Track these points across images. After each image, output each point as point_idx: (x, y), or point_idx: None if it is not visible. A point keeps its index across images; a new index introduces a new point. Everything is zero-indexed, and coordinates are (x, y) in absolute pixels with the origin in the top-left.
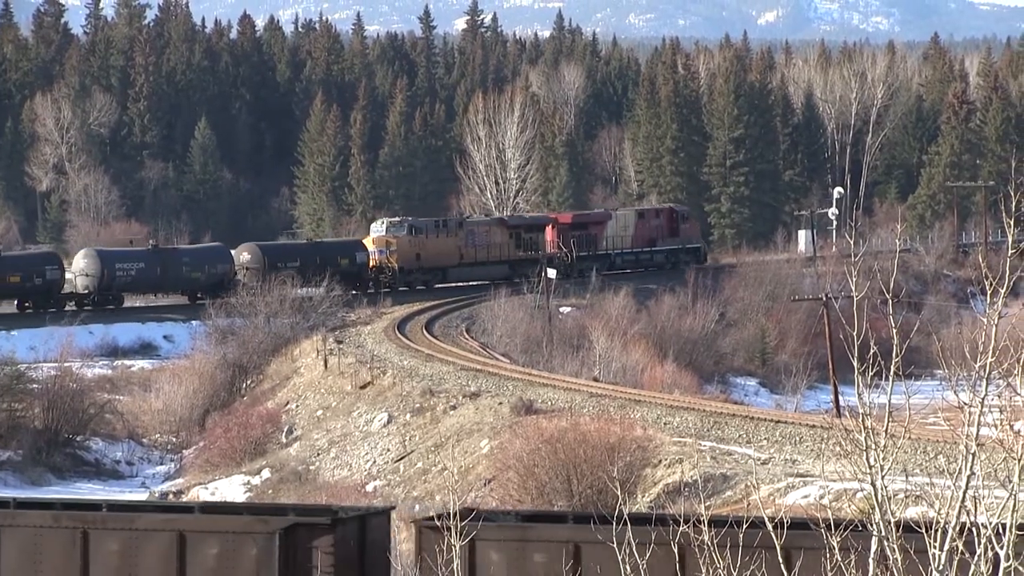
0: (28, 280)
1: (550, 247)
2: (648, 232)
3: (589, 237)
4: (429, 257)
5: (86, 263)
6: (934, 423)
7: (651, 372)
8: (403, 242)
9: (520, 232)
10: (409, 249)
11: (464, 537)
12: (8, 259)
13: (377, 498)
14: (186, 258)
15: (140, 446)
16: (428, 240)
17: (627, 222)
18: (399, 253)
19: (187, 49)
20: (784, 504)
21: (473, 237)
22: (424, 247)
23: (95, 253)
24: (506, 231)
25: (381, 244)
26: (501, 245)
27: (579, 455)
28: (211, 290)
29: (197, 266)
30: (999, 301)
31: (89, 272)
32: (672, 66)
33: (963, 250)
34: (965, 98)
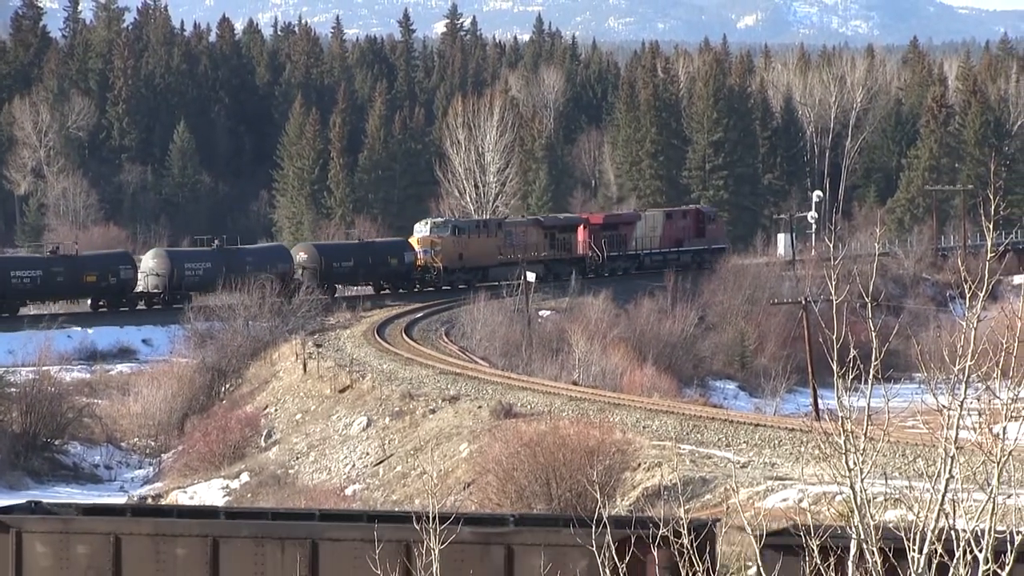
0: (103, 279)
1: (582, 247)
2: (676, 233)
3: (619, 237)
4: (471, 257)
5: (156, 263)
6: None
7: (630, 376)
8: (447, 242)
9: (555, 232)
10: (453, 249)
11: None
12: (85, 259)
13: (356, 503)
14: (249, 258)
15: (119, 450)
16: (470, 240)
17: (655, 223)
18: (443, 253)
19: (166, 52)
20: (763, 507)
21: (511, 237)
22: (467, 247)
23: (164, 253)
24: (541, 231)
25: (426, 244)
26: (537, 245)
27: (558, 459)
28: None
29: (260, 266)
30: (978, 305)
31: (159, 272)
32: (651, 70)
33: (942, 254)
34: (944, 102)
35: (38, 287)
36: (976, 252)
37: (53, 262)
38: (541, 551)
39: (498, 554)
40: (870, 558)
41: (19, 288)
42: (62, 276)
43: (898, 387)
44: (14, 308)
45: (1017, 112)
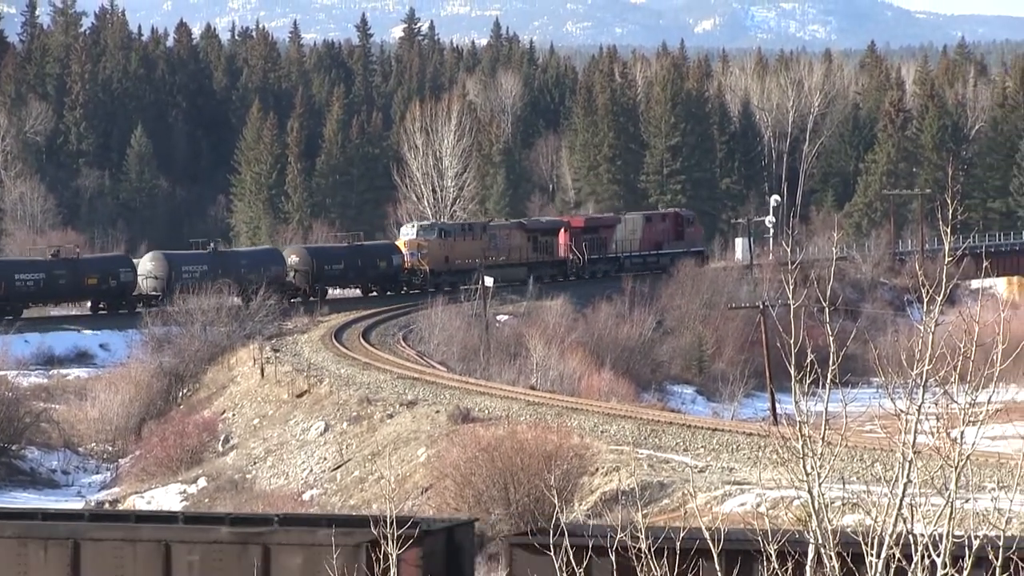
0: (104, 282)
1: (563, 250)
2: (655, 236)
3: (599, 240)
4: (457, 259)
5: (153, 265)
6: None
7: (588, 380)
8: (434, 245)
9: (537, 236)
10: (439, 252)
11: None
12: (86, 262)
13: (314, 507)
14: (243, 260)
15: (76, 455)
16: (456, 243)
17: (635, 226)
18: (430, 255)
19: (123, 57)
20: (721, 512)
21: (496, 240)
22: (453, 249)
23: (162, 256)
24: (525, 234)
25: (413, 247)
26: (520, 248)
27: (516, 463)
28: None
29: (253, 268)
30: (936, 309)
31: (157, 274)
32: (609, 74)
33: (900, 258)
34: (901, 106)
35: (41, 290)
36: (934, 256)
37: (55, 265)
38: (298, 551)
39: (255, 554)
40: (828, 563)
41: (22, 290)
42: (64, 279)
43: (856, 391)
44: (18, 310)
45: (974, 116)
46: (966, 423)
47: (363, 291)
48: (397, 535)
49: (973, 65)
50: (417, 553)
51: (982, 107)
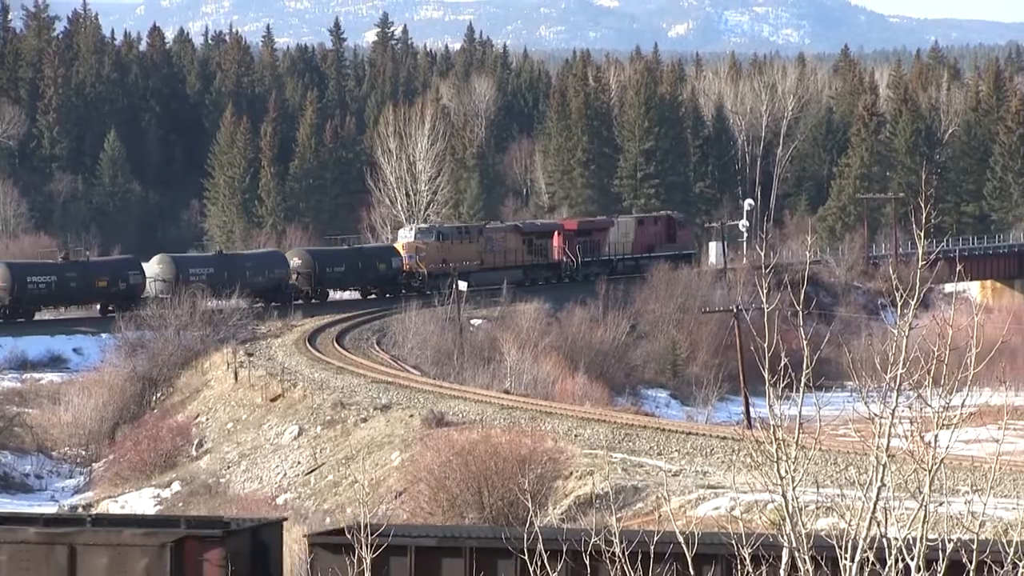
0: (114, 285)
1: (557, 253)
2: (647, 238)
3: (593, 243)
4: (454, 262)
5: (161, 268)
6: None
7: (562, 384)
8: (432, 247)
9: (532, 238)
10: (437, 254)
11: None
12: (96, 264)
13: (288, 512)
14: (248, 263)
15: (49, 459)
16: (453, 246)
17: (628, 228)
18: (428, 258)
19: (96, 61)
20: (695, 516)
21: (492, 243)
22: (450, 252)
23: (170, 259)
24: (520, 237)
25: (411, 250)
26: (516, 251)
27: (490, 467)
28: (268, 293)
29: (258, 271)
30: (909, 313)
31: (165, 277)
32: (583, 78)
33: (873, 262)
34: (875, 110)
35: (53, 292)
36: (907, 260)
37: (66, 268)
38: (103, 551)
39: (62, 554)
40: (802, 567)
41: (35, 293)
42: (75, 282)
43: (829, 395)
44: (30, 313)
45: (948, 120)
46: (940, 427)
47: (362, 293)
48: (202, 535)
49: (946, 69)
50: (221, 552)
51: (955, 111)
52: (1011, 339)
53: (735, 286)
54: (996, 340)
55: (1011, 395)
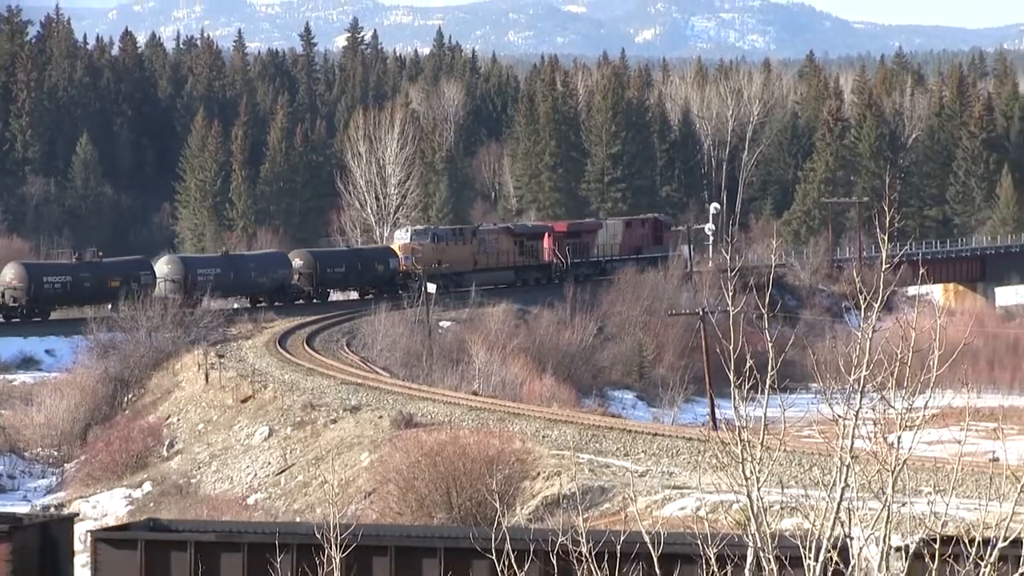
0: (126, 284)
1: (547, 254)
2: (635, 240)
3: (582, 244)
4: (449, 263)
5: (170, 269)
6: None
7: (530, 386)
8: (427, 249)
9: (523, 240)
10: (432, 255)
11: None
12: (109, 265)
13: (258, 511)
14: (253, 264)
15: (22, 460)
16: (448, 247)
17: (616, 231)
18: (423, 259)
19: (69, 65)
20: (661, 515)
21: (485, 245)
22: (445, 253)
23: (179, 260)
24: (512, 239)
25: (407, 251)
26: (508, 252)
27: (458, 468)
28: (272, 293)
29: (262, 271)
30: (873, 315)
31: (175, 277)
32: (551, 83)
33: (837, 265)
34: (839, 115)
35: (68, 292)
36: (871, 264)
37: (81, 268)
38: None
39: None
40: (766, 566)
41: (51, 293)
42: (89, 282)
43: (794, 397)
44: (46, 312)
45: (912, 125)
46: (903, 428)
47: (360, 293)
48: None
49: (910, 75)
50: (8, 547)
51: (919, 116)
52: (973, 342)
53: (701, 289)
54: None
55: (973, 397)
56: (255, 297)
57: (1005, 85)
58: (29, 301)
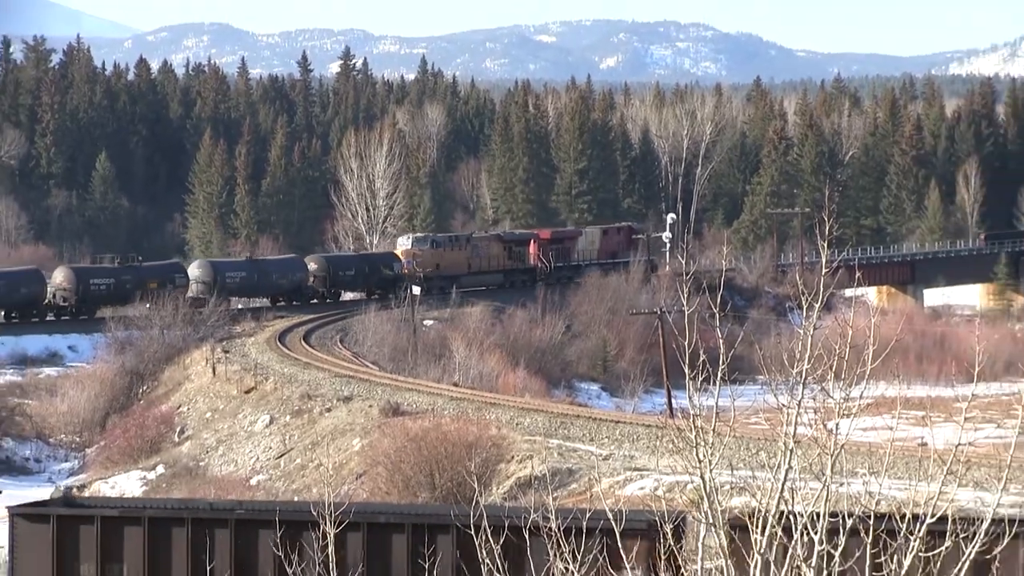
0: (163, 286)
1: (533, 259)
2: (611, 246)
3: (564, 250)
4: (446, 267)
5: (201, 272)
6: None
7: (505, 378)
8: (427, 254)
9: (512, 246)
10: (431, 260)
11: None
12: (147, 268)
13: (260, 491)
14: (274, 268)
15: (47, 445)
16: (445, 252)
17: (594, 237)
18: (424, 263)
19: (89, 90)
20: (623, 495)
21: (478, 250)
22: (443, 258)
23: (208, 264)
24: (501, 245)
25: (409, 256)
26: (498, 257)
27: (440, 452)
28: (290, 293)
29: (282, 274)
30: (814, 315)
31: (205, 279)
32: (524, 106)
33: (781, 269)
34: (784, 134)
35: (112, 293)
36: (812, 268)
37: (122, 271)
38: None
39: None
40: (717, 540)
41: (96, 294)
42: (130, 283)
43: (742, 388)
44: (92, 311)
45: (848, 143)
46: (840, 416)
47: (368, 294)
48: None
49: (847, 98)
50: None
51: (855, 135)
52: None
53: (659, 291)
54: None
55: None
56: (275, 297)
57: (933, 107)
58: (77, 301)
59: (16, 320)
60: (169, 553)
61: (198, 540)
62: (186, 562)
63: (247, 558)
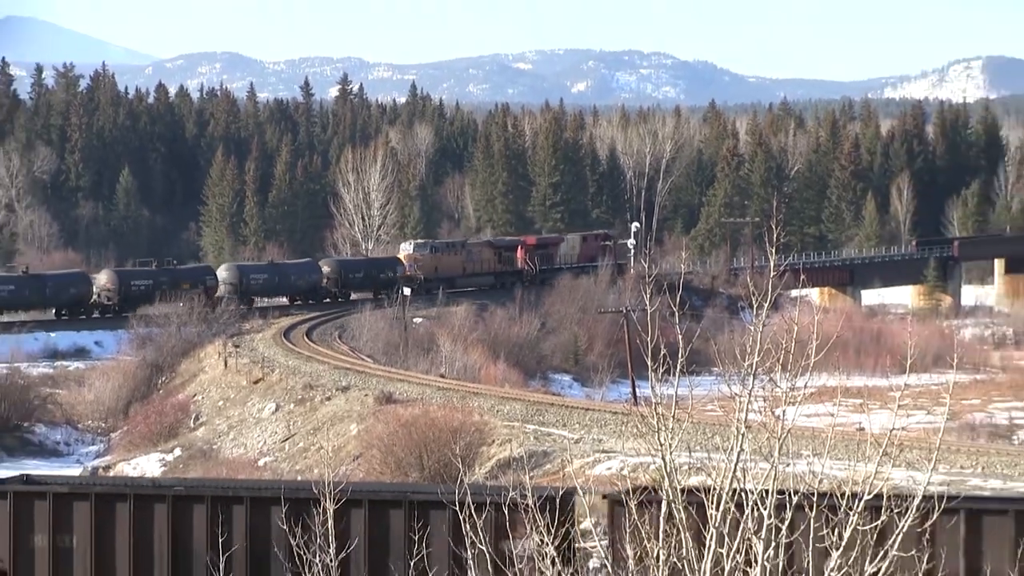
0: (195, 287)
1: (520, 262)
2: (590, 251)
3: (548, 254)
4: (443, 270)
5: (228, 274)
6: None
7: (486, 370)
8: (426, 258)
9: (501, 251)
10: (430, 264)
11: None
12: (181, 271)
13: (267, 472)
14: (292, 271)
15: (75, 430)
16: (442, 257)
17: (574, 243)
18: (423, 266)
19: (113, 112)
20: (592, 474)
21: (471, 255)
22: (441, 262)
23: (235, 267)
24: (492, 250)
25: (411, 260)
26: (489, 260)
27: (429, 436)
28: (306, 293)
29: (300, 276)
30: (763, 313)
31: (232, 281)
32: (503, 126)
33: (734, 272)
34: (736, 152)
35: (150, 293)
36: (761, 271)
37: (160, 274)
38: None
39: None
40: (677, 514)
41: (136, 294)
42: (166, 285)
43: (699, 379)
44: (132, 309)
45: (794, 160)
46: (787, 403)
47: (374, 294)
48: None
49: (793, 119)
50: None
51: (799, 152)
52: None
53: (624, 291)
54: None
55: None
56: (293, 297)
57: (869, 127)
58: (120, 300)
59: (66, 317)
60: (113, 526)
61: (142, 514)
62: (128, 534)
63: (180, 532)
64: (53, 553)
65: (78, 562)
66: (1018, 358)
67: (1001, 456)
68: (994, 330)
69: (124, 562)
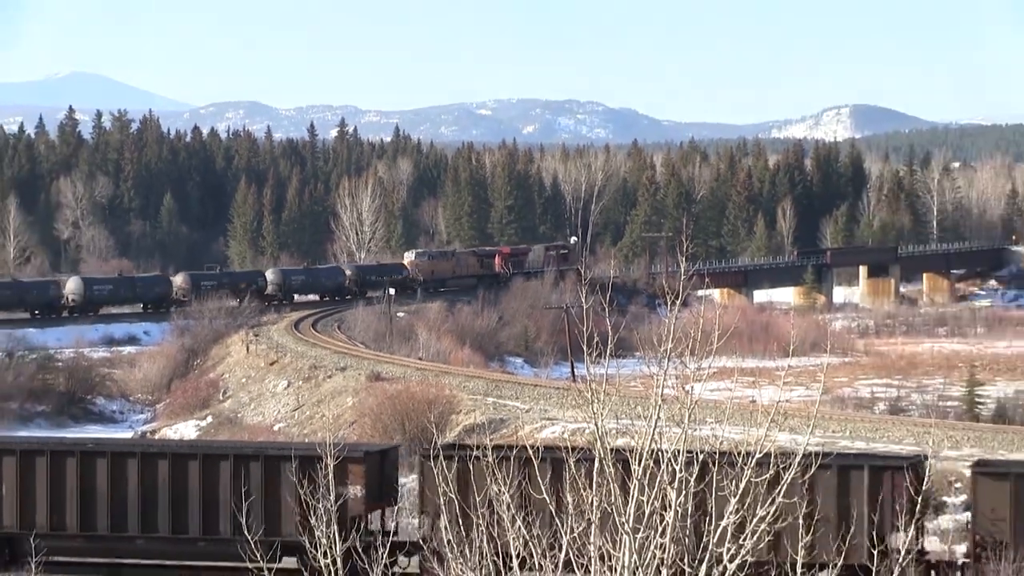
0: (250, 287)
1: (498, 267)
2: (550, 259)
3: (519, 261)
4: (437, 272)
5: (274, 276)
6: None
7: (455, 354)
8: (424, 264)
9: (483, 259)
10: (427, 268)
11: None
12: (240, 274)
13: (280, 436)
14: (323, 273)
15: (128, 402)
16: (437, 263)
17: (540, 252)
18: (422, 270)
19: (158, 148)
20: (540, 437)
21: (459, 261)
22: (435, 267)
23: (279, 270)
24: (476, 258)
25: (412, 265)
26: (473, 266)
27: (409, 407)
28: (332, 292)
29: (329, 278)
30: (676, 308)
31: (277, 282)
32: (468, 160)
33: (653, 276)
34: (653, 180)
35: (215, 291)
36: (674, 275)
37: (222, 276)
38: None
39: None
40: (607, 469)
41: (205, 292)
42: (227, 286)
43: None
44: (201, 304)
45: (700, 187)
46: (694, 381)
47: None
48: None
49: (699, 154)
50: None
51: (704, 181)
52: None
53: (565, 291)
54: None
55: (739, 361)
56: (323, 294)
57: (760, 161)
58: (191, 298)
59: (151, 311)
60: (34, 475)
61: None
62: (46, 483)
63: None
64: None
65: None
66: (878, 345)
67: (864, 423)
68: (859, 322)
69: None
